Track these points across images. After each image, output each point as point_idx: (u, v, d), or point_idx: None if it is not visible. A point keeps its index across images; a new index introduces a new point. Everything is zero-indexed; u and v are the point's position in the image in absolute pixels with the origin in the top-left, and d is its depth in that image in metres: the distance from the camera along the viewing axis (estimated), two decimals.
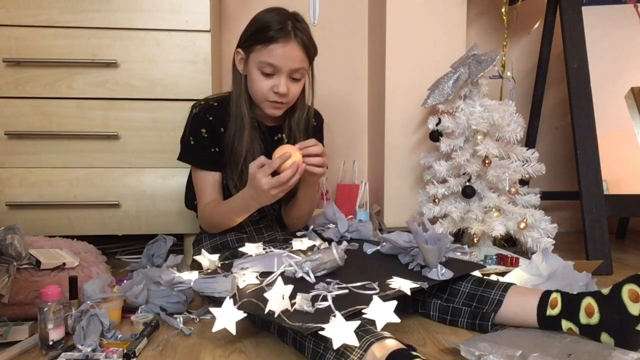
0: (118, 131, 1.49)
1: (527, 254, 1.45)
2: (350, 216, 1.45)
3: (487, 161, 1.43)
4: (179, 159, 1.32)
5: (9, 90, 1.44)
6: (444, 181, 1.54)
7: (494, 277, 1.22)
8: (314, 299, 0.88)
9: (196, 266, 1.19)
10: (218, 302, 0.90)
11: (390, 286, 0.96)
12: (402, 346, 0.77)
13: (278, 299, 0.85)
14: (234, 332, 0.86)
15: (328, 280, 0.97)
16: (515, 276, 1.21)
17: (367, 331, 0.79)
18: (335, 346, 0.75)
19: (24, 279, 1.04)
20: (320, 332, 0.77)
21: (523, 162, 1.47)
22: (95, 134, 1.48)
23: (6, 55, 1.43)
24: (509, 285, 1.02)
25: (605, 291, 0.90)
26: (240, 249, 1.18)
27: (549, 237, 1.43)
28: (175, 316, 1.06)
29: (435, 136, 1.56)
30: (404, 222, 1.73)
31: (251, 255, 1.13)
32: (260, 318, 0.97)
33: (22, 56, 1.44)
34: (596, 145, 1.56)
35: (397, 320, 0.81)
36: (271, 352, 0.92)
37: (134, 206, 1.51)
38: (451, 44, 1.76)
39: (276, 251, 1.13)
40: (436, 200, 1.54)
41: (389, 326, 0.81)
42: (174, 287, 1.05)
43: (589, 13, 1.68)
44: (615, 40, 1.79)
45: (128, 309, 1.07)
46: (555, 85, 2.09)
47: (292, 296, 0.87)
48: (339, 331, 0.76)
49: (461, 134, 1.50)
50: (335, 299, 0.89)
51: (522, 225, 1.41)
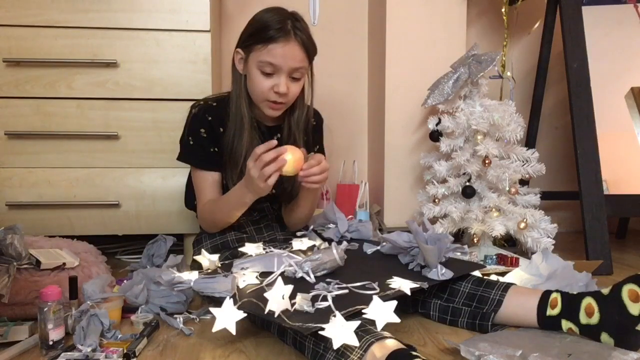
0: (118, 131, 1.49)
1: (527, 254, 1.45)
2: (350, 216, 1.45)
3: (487, 161, 1.43)
4: (178, 159, 1.32)
5: (9, 90, 1.44)
6: (444, 181, 1.54)
7: (494, 277, 1.21)
8: (314, 299, 0.88)
9: (196, 266, 1.19)
10: (218, 302, 0.90)
11: (390, 286, 0.96)
12: (402, 346, 0.77)
13: (278, 299, 0.85)
14: (234, 332, 0.86)
15: (328, 280, 0.97)
16: (515, 276, 1.21)
17: (367, 331, 0.79)
18: (335, 346, 0.75)
19: (24, 279, 1.04)
20: (320, 332, 0.77)
21: (523, 162, 1.47)
22: (95, 134, 1.48)
23: (6, 55, 1.43)
24: (509, 285, 1.02)
25: (605, 291, 0.90)
26: (240, 249, 1.18)
27: (549, 237, 1.42)
28: (175, 316, 1.06)
29: (435, 136, 1.56)
30: (404, 222, 1.73)
31: (251, 255, 1.13)
32: (260, 318, 0.97)
33: (22, 56, 1.44)
34: (596, 145, 1.56)
35: (397, 320, 0.81)
36: (271, 352, 0.92)
37: (134, 206, 1.51)
38: (451, 44, 1.76)
39: (276, 251, 1.13)
40: (436, 200, 1.54)
41: (389, 326, 0.81)
42: (174, 287, 1.05)
43: (589, 13, 1.68)
44: (615, 40, 1.79)
45: (128, 309, 1.07)
46: (555, 85, 2.09)
47: (292, 296, 0.87)
48: (339, 331, 0.76)
49: (461, 134, 1.50)
50: (335, 299, 0.89)
51: (522, 225, 1.41)
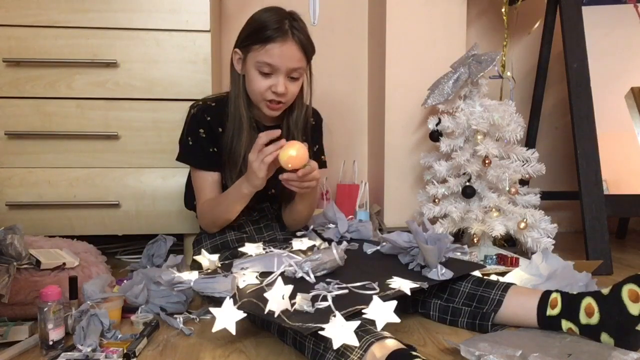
0: (118, 131, 1.49)
1: (527, 254, 1.45)
2: (350, 216, 1.45)
3: (487, 161, 1.43)
4: (177, 159, 1.32)
5: (9, 90, 1.44)
6: (444, 181, 1.54)
7: (494, 277, 1.21)
8: (314, 299, 0.88)
9: (196, 266, 1.19)
10: (218, 302, 0.90)
11: (390, 286, 0.96)
12: (402, 346, 0.77)
13: (278, 299, 0.85)
14: (234, 332, 0.86)
15: (328, 280, 0.97)
16: (515, 276, 1.21)
17: (367, 331, 0.79)
18: (335, 346, 0.75)
19: (24, 279, 1.04)
20: (320, 332, 0.77)
21: (523, 162, 1.47)
22: (95, 134, 1.48)
23: (6, 55, 1.43)
24: (509, 285, 1.02)
25: (605, 291, 0.90)
26: (240, 249, 1.18)
27: (549, 237, 1.43)
28: (175, 316, 1.06)
29: (435, 136, 1.56)
30: (404, 222, 1.73)
31: (251, 255, 1.13)
32: (260, 318, 0.97)
33: (22, 56, 1.44)
34: (596, 145, 1.56)
35: (397, 320, 0.81)
36: (271, 352, 0.92)
37: (134, 206, 1.51)
38: (451, 44, 1.76)
39: (276, 251, 1.13)
40: (436, 200, 1.54)
41: (389, 326, 0.81)
42: (174, 287, 1.05)
43: (589, 13, 1.68)
44: (615, 40, 1.79)
45: (128, 309, 1.07)
46: (555, 85, 2.09)
47: (292, 296, 0.87)
48: (339, 331, 0.76)
49: (461, 134, 1.50)
50: (335, 299, 0.89)
51: (522, 225, 1.41)
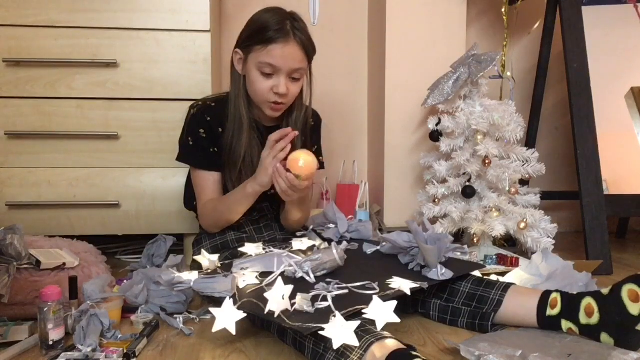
0: (118, 131, 1.49)
1: (527, 254, 1.45)
2: (350, 216, 1.45)
3: (487, 161, 1.43)
4: (177, 159, 1.32)
5: (9, 90, 1.44)
6: (444, 181, 1.54)
7: (494, 277, 1.22)
8: (314, 299, 0.88)
9: (196, 266, 1.19)
10: (218, 302, 0.90)
11: (390, 286, 0.96)
12: (402, 346, 0.77)
13: (278, 299, 0.85)
14: (234, 332, 0.86)
15: (328, 280, 0.97)
16: (515, 276, 1.21)
17: (367, 331, 0.79)
18: (335, 346, 0.75)
19: (24, 279, 1.04)
20: (320, 332, 0.77)
21: (523, 162, 1.47)
22: (95, 134, 1.48)
23: (6, 55, 1.43)
24: (509, 285, 1.02)
25: (605, 291, 0.90)
26: (240, 249, 1.18)
27: (549, 237, 1.43)
28: (175, 316, 1.06)
29: (435, 136, 1.56)
30: (404, 222, 1.73)
31: (251, 255, 1.13)
32: (260, 318, 0.97)
33: (22, 56, 1.44)
34: (596, 145, 1.56)
35: (397, 320, 0.81)
36: (271, 352, 0.92)
37: (134, 206, 1.51)
38: (451, 44, 1.76)
39: (276, 251, 1.12)
40: (436, 200, 1.54)
41: (389, 326, 0.81)
42: (174, 287, 1.05)
43: (589, 13, 1.68)
44: (615, 40, 1.79)
45: (128, 309, 1.07)
46: (555, 85, 2.09)
47: (292, 296, 0.87)
48: (339, 331, 0.76)
49: (461, 134, 1.50)
50: (335, 299, 0.89)
51: (522, 225, 1.41)
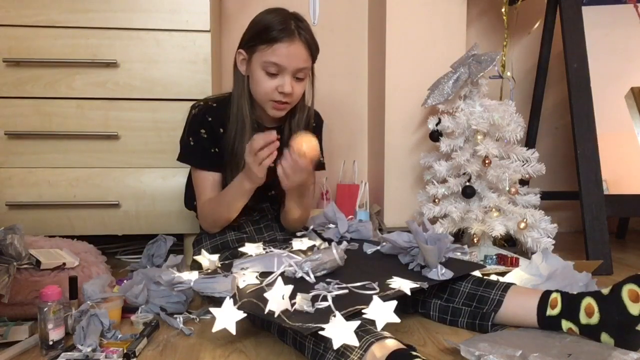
0: (118, 131, 1.49)
1: (527, 254, 1.45)
2: (350, 216, 1.45)
3: (487, 161, 1.43)
4: (178, 159, 1.32)
5: (9, 90, 1.44)
6: (444, 181, 1.54)
7: (494, 277, 1.21)
8: (314, 299, 0.88)
9: (196, 266, 1.19)
10: (218, 302, 0.90)
11: (390, 286, 0.96)
12: (402, 346, 0.77)
13: (278, 299, 0.85)
14: (234, 332, 0.86)
15: (328, 280, 0.97)
16: (515, 276, 1.20)
17: (367, 331, 0.79)
18: (335, 346, 0.75)
19: (24, 279, 1.04)
20: (320, 332, 0.77)
21: (523, 162, 1.47)
22: (95, 134, 1.48)
23: (6, 55, 1.43)
24: (509, 285, 1.02)
25: (605, 291, 0.90)
26: (240, 249, 1.18)
27: (549, 237, 1.42)
28: (175, 316, 1.06)
29: (435, 136, 1.56)
30: (404, 222, 1.73)
31: (251, 255, 1.13)
32: (260, 318, 0.97)
33: (22, 56, 1.44)
34: (596, 145, 1.56)
35: (397, 320, 0.81)
36: (271, 352, 0.92)
37: (134, 206, 1.51)
38: (451, 44, 1.76)
39: (276, 251, 1.12)
40: (436, 200, 1.54)
41: (389, 326, 0.81)
42: (174, 287, 1.05)
43: (589, 13, 1.68)
44: (615, 40, 1.79)
45: (128, 309, 1.07)
46: (555, 85, 2.09)
47: (292, 296, 0.87)
48: (339, 331, 0.75)
49: (461, 134, 1.50)
50: (335, 299, 0.89)
51: (522, 225, 1.41)
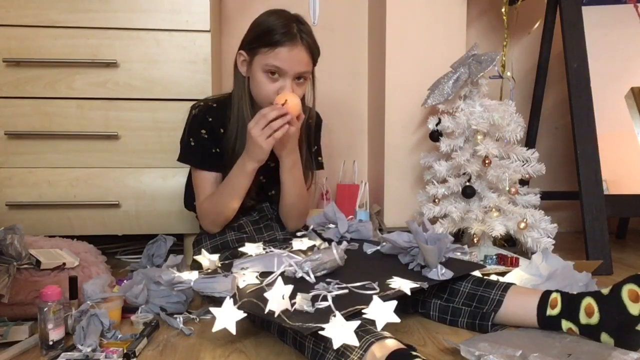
0: (118, 131, 1.49)
1: (527, 254, 1.45)
2: (350, 216, 1.45)
3: (487, 161, 1.43)
4: (179, 160, 1.32)
5: (9, 90, 1.44)
6: (444, 181, 1.54)
7: (494, 277, 1.21)
8: (314, 299, 0.88)
9: (196, 266, 1.19)
10: (218, 302, 0.90)
11: (390, 286, 0.96)
12: (402, 346, 0.77)
13: (278, 299, 0.85)
14: (234, 332, 0.86)
15: (328, 280, 0.97)
16: (515, 276, 1.21)
17: (367, 331, 0.79)
18: (335, 346, 0.75)
19: (24, 279, 1.04)
20: (320, 332, 0.77)
21: (523, 162, 1.47)
22: (95, 134, 1.48)
23: (6, 55, 1.43)
24: (509, 285, 1.02)
25: (605, 291, 0.90)
26: (240, 249, 1.18)
27: (549, 237, 1.42)
28: (175, 316, 1.06)
29: (435, 136, 1.56)
30: (404, 222, 1.73)
31: (251, 255, 1.13)
32: (260, 318, 0.97)
33: (22, 56, 1.44)
34: (596, 145, 1.56)
35: (397, 320, 0.81)
36: (271, 352, 0.92)
37: (134, 206, 1.51)
38: (451, 44, 1.76)
39: (276, 251, 1.12)
40: (436, 200, 1.54)
41: (389, 326, 0.81)
42: (174, 287, 1.05)
43: (589, 13, 1.68)
44: (615, 40, 1.79)
45: (128, 309, 1.07)
46: (555, 85, 2.09)
47: (292, 296, 0.87)
48: (339, 331, 0.76)
49: (461, 134, 1.50)
50: (335, 299, 0.89)
51: (522, 225, 1.41)
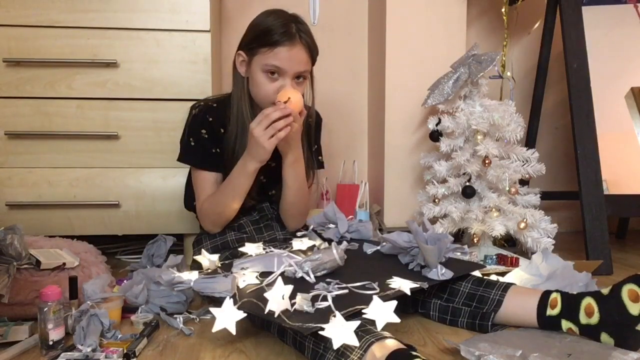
0: (118, 131, 1.49)
1: (527, 254, 1.45)
2: (350, 216, 1.45)
3: (487, 161, 1.43)
4: (179, 160, 1.32)
5: (9, 90, 1.44)
6: (444, 181, 1.54)
7: (494, 277, 1.22)
8: (314, 299, 0.88)
9: (196, 266, 1.19)
10: (218, 302, 0.90)
11: (390, 286, 0.96)
12: (402, 346, 0.77)
13: (278, 299, 0.85)
14: (234, 332, 0.86)
15: (328, 280, 0.97)
16: (515, 276, 1.21)
17: (367, 331, 0.79)
18: (335, 346, 0.75)
19: (24, 279, 1.04)
20: (320, 332, 0.77)
21: (523, 162, 1.47)
22: (95, 134, 1.48)
23: (6, 55, 1.43)
24: (508, 285, 1.02)
25: (605, 291, 0.90)
26: (240, 249, 1.18)
27: (549, 237, 1.42)
28: (175, 316, 1.06)
29: (435, 136, 1.56)
30: (404, 222, 1.73)
31: (251, 255, 1.13)
32: (260, 318, 0.97)
33: (22, 56, 1.44)
34: (596, 145, 1.56)
35: (397, 320, 0.81)
36: (271, 352, 0.92)
37: (134, 206, 1.51)
38: (451, 44, 1.76)
39: (276, 251, 1.12)
40: (436, 200, 1.54)
41: (389, 326, 0.81)
42: (174, 287, 1.05)
43: (589, 13, 1.68)
44: (615, 40, 1.79)
45: (128, 309, 1.07)
46: (555, 85, 2.09)
47: (292, 296, 0.87)
48: (339, 331, 0.76)
49: (461, 134, 1.50)
50: (335, 299, 0.89)
51: (522, 225, 1.41)
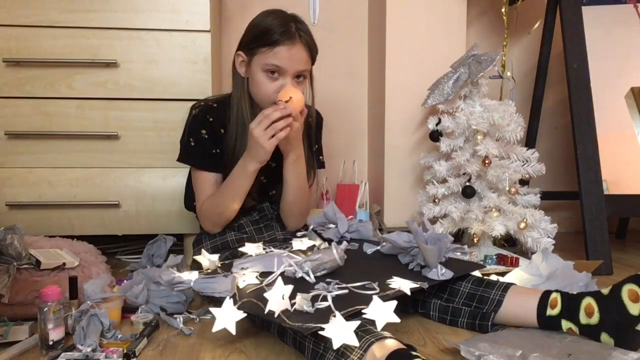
0: (118, 131, 1.49)
1: (527, 254, 1.45)
2: (350, 216, 1.45)
3: (487, 161, 1.43)
4: (178, 160, 1.32)
5: (9, 90, 1.44)
6: (444, 181, 1.54)
7: (494, 277, 1.22)
8: (314, 299, 0.88)
9: (196, 266, 1.19)
10: (218, 302, 0.90)
11: (390, 286, 0.96)
12: (402, 346, 0.77)
13: (278, 299, 0.85)
14: (234, 332, 0.86)
15: (328, 280, 0.97)
16: (515, 276, 1.21)
17: (367, 331, 0.79)
18: (335, 346, 0.75)
19: (24, 279, 1.04)
20: (320, 332, 0.77)
21: (523, 162, 1.47)
22: (95, 134, 1.48)
23: (6, 55, 1.43)
24: (508, 285, 1.02)
25: (605, 291, 0.90)
26: (240, 249, 1.18)
27: (549, 237, 1.42)
28: (175, 316, 1.06)
29: (435, 136, 1.56)
30: (404, 222, 1.73)
31: (251, 255, 1.13)
32: (260, 318, 0.97)
33: (22, 56, 1.44)
34: (596, 145, 1.56)
35: (397, 320, 0.81)
36: (271, 352, 0.92)
37: (134, 206, 1.51)
38: (451, 44, 1.76)
39: (276, 251, 1.13)
40: (436, 200, 1.54)
41: (389, 326, 0.81)
42: (174, 287, 1.05)
43: (589, 13, 1.68)
44: (615, 40, 1.79)
45: (128, 309, 1.07)
46: (555, 85, 2.09)
47: (292, 296, 0.87)
48: (339, 331, 0.76)
49: (461, 134, 1.50)
50: (335, 299, 0.89)
51: (522, 225, 1.41)
